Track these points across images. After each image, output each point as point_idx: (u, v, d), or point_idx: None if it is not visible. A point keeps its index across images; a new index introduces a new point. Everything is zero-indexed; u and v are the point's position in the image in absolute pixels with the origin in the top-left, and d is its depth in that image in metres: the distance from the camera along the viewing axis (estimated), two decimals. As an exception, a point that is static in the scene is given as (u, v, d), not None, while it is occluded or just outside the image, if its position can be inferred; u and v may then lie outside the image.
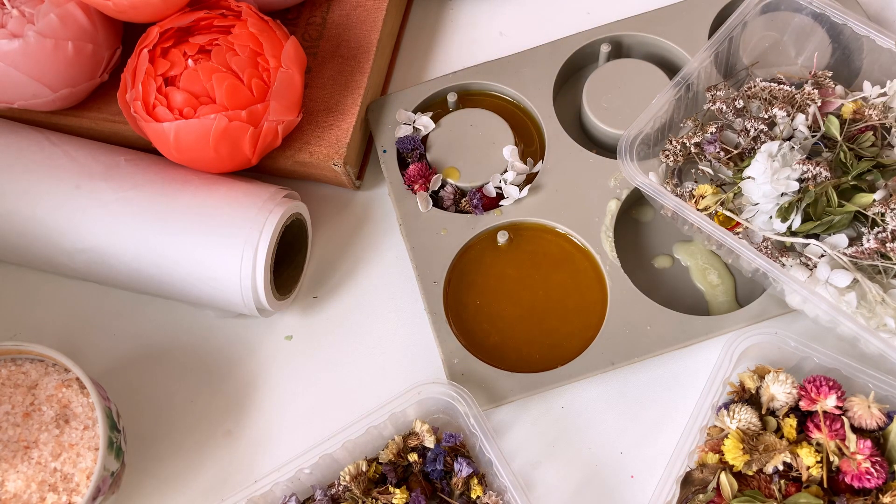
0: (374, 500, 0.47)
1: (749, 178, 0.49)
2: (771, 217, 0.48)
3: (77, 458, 0.46)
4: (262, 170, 0.58)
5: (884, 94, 0.52)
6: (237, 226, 0.50)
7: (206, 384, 0.55)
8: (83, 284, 0.58)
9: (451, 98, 0.59)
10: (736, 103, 0.51)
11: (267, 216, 0.51)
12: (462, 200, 0.56)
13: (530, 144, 0.58)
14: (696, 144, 0.51)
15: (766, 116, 0.51)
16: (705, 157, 0.52)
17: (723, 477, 0.45)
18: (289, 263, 0.56)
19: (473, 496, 0.47)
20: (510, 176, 0.55)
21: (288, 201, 0.53)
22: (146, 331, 0.57)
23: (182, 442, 0.53)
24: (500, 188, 0.55)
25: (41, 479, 0.45)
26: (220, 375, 0.55)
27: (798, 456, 0.45)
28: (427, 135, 0.58)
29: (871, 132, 0.50)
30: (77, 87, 0.54)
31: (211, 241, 0.50)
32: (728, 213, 0.49)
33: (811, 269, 0.47)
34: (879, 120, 0.50)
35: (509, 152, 0.56)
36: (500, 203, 0.55)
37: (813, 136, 0.50)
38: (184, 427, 0.54)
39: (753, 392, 0.48)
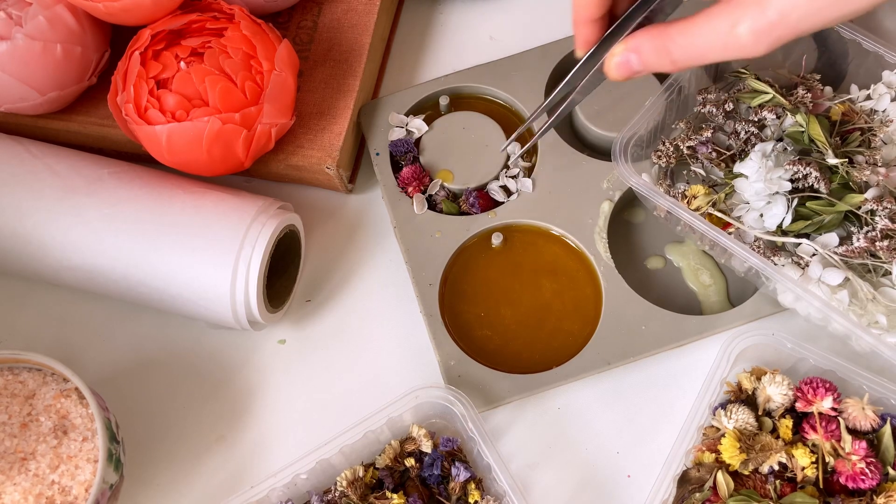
0: (370, 506, 0.47)
1: (742, 175, 0.49)
2: (761, 215, 0.49)
3: (76, 471, 0.45)
4: (254, 174, 0.58)
5: (869, 98, 0.53)
6: (227, 244, 0.49)
7: (200, 391, 0.54)
8: (72, 291, 0.56)
9: (444, 101, 0.59)
10: (726, 106, 0.52)
11: (260, 230, 0.50)
12: (458, 200, 0.56)
13: (523, 146, 0.58)
14: (689, 147, 0.52)
15: (756, 119, 0.51)
16: (697, 158, 0.52)
17: (719, 476, 0.45)
18: (281, 274, 0.55)
19: (471, 501, 0.47)
20: (520, 163, 0.56)
21: (281, 213, 0.52)
22: (138, 338, 0.56)
23: (178, 450, 0.52)
24: (510, 175, 0.56)
25: (38, 491, 0.44)
26: (215, 382, 0.54)
27: (793, 456, 0.45)
28: (420, 137, 0.58)
29: (859, 132, 0.51)
30: (65, 91, 0.53)
31: (200, 260, 0.49)
32: (719, 214, 0.50)
33: (803, 268, 0.48)
34: (867, 123, 0.51)
35: (514, 147, 0.57)
36: (501, 191, 0.56)
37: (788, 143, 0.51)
38: (179, 435, 0.53)
39: (750, 393, 0.48)
